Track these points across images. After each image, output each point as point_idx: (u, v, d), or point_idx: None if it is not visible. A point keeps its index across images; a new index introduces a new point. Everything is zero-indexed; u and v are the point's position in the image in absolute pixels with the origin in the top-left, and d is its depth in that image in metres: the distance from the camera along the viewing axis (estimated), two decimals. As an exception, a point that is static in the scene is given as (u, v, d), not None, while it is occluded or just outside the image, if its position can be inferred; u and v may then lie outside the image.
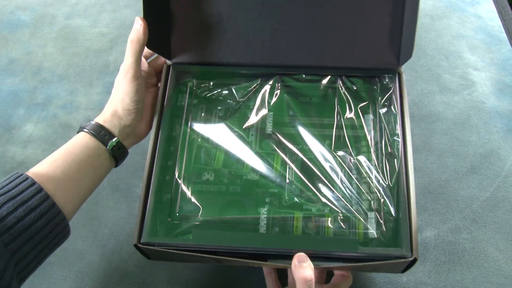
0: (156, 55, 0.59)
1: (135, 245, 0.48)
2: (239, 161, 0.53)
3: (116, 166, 0.54)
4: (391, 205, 0.49)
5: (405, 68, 0.56)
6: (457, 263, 0.56)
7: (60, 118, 0.73)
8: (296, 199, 0.50)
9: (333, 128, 0.54)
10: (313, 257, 0.45)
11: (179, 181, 0.52)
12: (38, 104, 0.76)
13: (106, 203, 0.63)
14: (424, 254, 0.56)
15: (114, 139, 0.51)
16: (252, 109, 0.56)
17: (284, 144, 0.53)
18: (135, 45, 0.51)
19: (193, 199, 0.51)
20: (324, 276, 0.53)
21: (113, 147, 0.51)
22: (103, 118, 0.52)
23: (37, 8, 0.93)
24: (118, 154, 0.52)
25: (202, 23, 0.57)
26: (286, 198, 0.50)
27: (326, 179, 0.51)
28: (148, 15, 0.54)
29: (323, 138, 0.53)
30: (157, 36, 0.55)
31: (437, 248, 0.57)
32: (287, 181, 0.51)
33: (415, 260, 0.46)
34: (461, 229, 0.58)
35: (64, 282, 0.56)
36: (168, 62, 0.58)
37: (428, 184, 0.63)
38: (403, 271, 0.49)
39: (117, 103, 0.52)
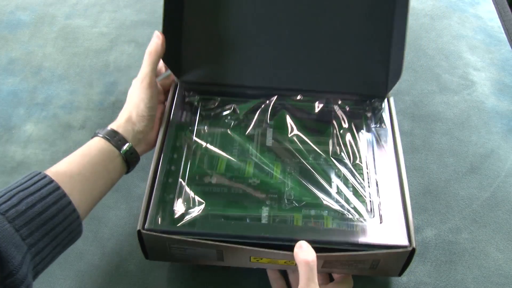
0: (165, 74, 0.62)
1: (138, 232, 0.49)
2: (240, 168, 0.55)
3: (127, 172, 0.55)
4: (387, 205, 0.51)
5: (405, 68, 0.57)
6: (457, 263, 0.56)
7: (60, 118, 0.73)
8: (295, 203, 0.52)
9: (329, 142, 0.58)
10: (314, 248, 0.46)
11: (183, 183, 0.54)
12: (38, 104, 0.76)
13: (106, 203, 0.63)
14: (424, 254, 0.56)
15: (127, 144, 0.53)
16: (253, 125, 0.60)
17: (284, 156, 0.57)
18: (153, 56, 0.55)
19: (196, 198, 0.53)
20: (327, 278, 0.54)
21: (126, 152, 0.53)
22: (117, 124, 0.54)
23: (37, 8, 0.93)
24: (130, 158, 0.53)
25: (211, 47, 0.62)
26: (286, 202, 0.52)
27: (324, 184, 0.54)
28: (166, 33, 0.58)
29: (321, 150, 0.57)
30: (171, 54, 0.60)
31: (437, 248, 0.57)
32: (287, 187, 0.54)
33: (413, 252, 0.47)
34: (461, 229, 0.58)
35: (64, 282, 0.56)
36: (176, 80, 0.62)
37: (428, 184, 0.63)
38: (400, 273, 0.51)
39: (132, 109, 0.55)
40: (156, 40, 0.56)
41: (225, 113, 0.61)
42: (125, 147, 0.53)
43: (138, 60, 0.82)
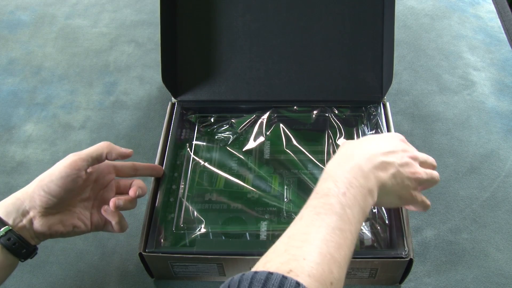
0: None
1: (140, 254, 0.49)
2: (239, 183, 0.56)
3: (23, 260, 0.45)
4: (384, 214, 0.52)
5: (405, 68, 0.56)
6: (457, 263, 0.56)
7: (60, 118, 0.73)
8: (294, 215, 0.52)
9: (325, 151, 0.59)
10: None
11: (183, 200, 0.55)
12: (38, 104, 0.76)
13: (106, 203, 0.63)
14: (424, 254, 0.56)
15: (3, 228, 0.42)
16: (251, 138, 0.61)
17: (281, 168, 0.57)
18: (105, 149, 0.48)
19: (196, 214, 0.53)
20: None
21: (0, 238, 0.42)
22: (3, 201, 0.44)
23: (37, 8, 0.93)
24: (12, 247, 0.43)
25: (204, 65, 0.64)
26: (285, 215, 0.53)
27: None
28: (164, 56, 0.61)
29: (317, 160, 0.58)
30: (168, 75, 0.62)
31: (437, 248, 0.57)
32: (285, 200, 0.54)
33: (411, 262, 0.48)
34: (461, 229, 0.58)
35: (64, 282, 0.56)
36: (174, 100, 0.64)
37: (428, 184, 0.63)
38: (401, 281, 0.52)
39: (37, 181, 0.45)
40: (124, 150, 0.50)
41: (222, 129, 0.62)
42: (1, 231, 0.42)
43: (138, 60, 0.82)
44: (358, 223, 0.39)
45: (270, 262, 0.35)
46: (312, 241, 0.35)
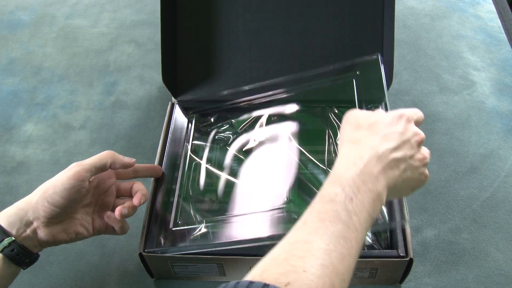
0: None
1: (140, 254, 0.49)
2: (239, 183, 0.56)
3: (24, 267, 0.46)
4: (385, 214, 0.52)
5: (405, 68, 0.56)
6: (457, 263, 0.56)
7: (60, 118, 0.73)
8: (294, 215, 0.53)
9: (326, 151, 0.59)
10: None
11: (183, 202, 0.54)
12: (38, 104, 0.76)
13: (106, 203, 0.63)
14: (424, 254, 0.56)
15: (6, 240, 0.43)
16: (251, 138, 0.60)
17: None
18: (109, 158, 0.48)
19: (196, 216, 0.53)
20: None
21: (4, 249, 0.43)
22: (5, 211, 0.45)
23: (37, 8, 0.93)
24: (15, 257, 0.44)
25: (204, 65, 0.64)
26: (285, 214, 0.53)
27: None
28: (164, 56, 0.61)
29: (317, 160, 0.57)
30: (168, 75, 0.62)
31: (437, 248, 0.57)
32: (286, 199, 0.54)
33: (411, 262, 0.48)
34: (461, 229, 0.58)
35: (64, 282, 0.56)
36: (174, 99, 0.64)
37: (428, 184, 0.63)
38: (401, 281, 0.52)
39: (39, 191, 0.45)
40: (127, 160, 0.50)
41: (222, 129, 0.62)
42: (4, 242, 0.43)
43: (138, 60, 0.82)
44: (364, 230, 0.37)
45: (268, 271, 0.33)
46: (315, 251, 0.34)
